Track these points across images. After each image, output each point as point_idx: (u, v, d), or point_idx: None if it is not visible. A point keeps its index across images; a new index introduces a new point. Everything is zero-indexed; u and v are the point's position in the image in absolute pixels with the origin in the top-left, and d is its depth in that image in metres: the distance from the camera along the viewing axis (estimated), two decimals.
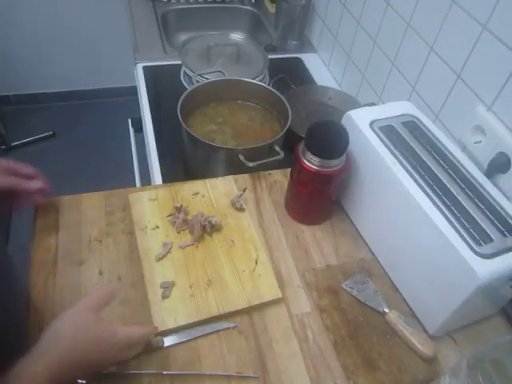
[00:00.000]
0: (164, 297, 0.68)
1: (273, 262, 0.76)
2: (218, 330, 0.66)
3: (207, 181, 0.86)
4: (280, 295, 0.70)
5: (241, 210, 0.81)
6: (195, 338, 0.65)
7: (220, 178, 0.87)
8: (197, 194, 0.84)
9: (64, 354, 0.48)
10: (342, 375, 0.64)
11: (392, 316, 0.69)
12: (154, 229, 0.77)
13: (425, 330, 0.69)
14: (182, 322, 0.65)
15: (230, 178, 0.87)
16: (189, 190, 0.84)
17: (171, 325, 0.64)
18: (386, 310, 0.69)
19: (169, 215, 0.79)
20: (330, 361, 0.65)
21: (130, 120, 1.28)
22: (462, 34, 0.79)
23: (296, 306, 0.71)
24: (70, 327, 0.51)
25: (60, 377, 0.47)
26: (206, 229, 0.76)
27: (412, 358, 0.66)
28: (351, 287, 0.73)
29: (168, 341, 0.64)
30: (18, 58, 2.28)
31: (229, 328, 0.67)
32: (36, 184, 0.71)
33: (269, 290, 0.70)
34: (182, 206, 0.80)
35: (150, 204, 0.81)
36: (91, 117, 2.42)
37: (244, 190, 0.84)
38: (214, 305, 0.67)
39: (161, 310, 0.66)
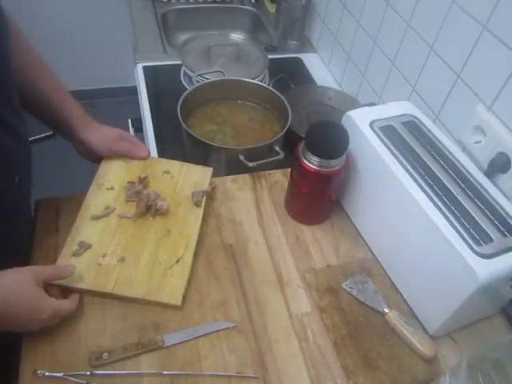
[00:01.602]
0: (74, 254, 0.67)
1: (273, 262, 0.76)
2: (218, 330, 0.66)
3: (186, 164, 0.83)
4: (178, 303, 0.66)
5: (197, 205, 0.77)
6: (195, 338, 0.65)
7: (199, 167, 0.83)
8: (168, 173, 0.81)
9: None
10: (342, 375, 0.64)
11: (392, 316, 0.69)
12: (108, 189, 0.76)
13: (425, 330, 0.69)
14: (73, 284, 0.65)
15: (209, 170, 0.83)
16: (163, 166, 0.82)
17: (62, 282, 0.63)
18: (386, 310, 0.69)
19: (129, 182, 0.78)
20: (330, 361, 0.65)
21: (130, 120, 1.28)
22: (462, 34, 0.79)
23: (296, 305, 0.71)
24: (6, 284, 0.55)
25: None
26: (151, 209, 0.74)
27: (412, 358, 0.66)
28: (351, 287, 0.73)
29: (168, 341, 0.64)
30: None
31: (229, 328, 0.67)
32: (143, 153, 0.81)
33: (171, 293, 0.66)
34: (146, 178, 0.78)
35: (120, 166, 0.80)
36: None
37: (212, 188, 0.81)
38: (112, 282, 0.66)
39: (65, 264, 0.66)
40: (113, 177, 0.78)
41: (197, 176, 0.82)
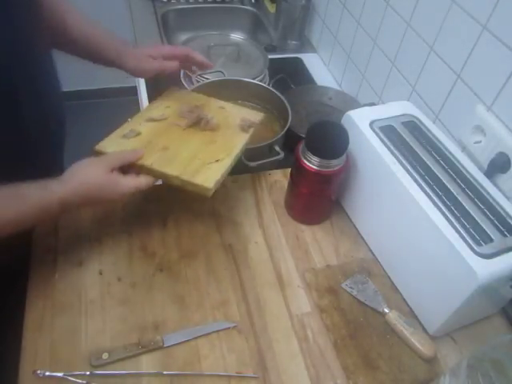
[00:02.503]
0: (124, 136, 0.74)
1: (273, 262, 0.76)
2: (218, 330, 0.66)
3: (239, 106, 0.88)
4: (211, 187, 0.67)
5: (244, 130, 0.81)
6: (195, 338, 0.65)
7: (253, 111, 0.88)
8: (223, 108, 0.86)
9: (72, 191, 0.61)
10: (342, 375, 0.64)
11: (392, 316, 0.69)
12: (166, 107, 0.83)
13: (425, 330, 0.69)
14: None
15: (261, 114, 0.86)
16: (219, 103, 0.87)
17: (109, 149, 0.71)
18: (386, 310, 0.69)
19: (185, 103, 0.83)
20: (330, 361, 0.65)
21: (130, 120, 1.27)
22: (462, 33, 0.79)
23: (296, 305, 0.71)
24: (82, 174, 0.64)
25: (68, 205, 0.61)
26: (201, 123, 0.79)
27: (412, 358, 0.66)
28: (351, 287, 0.73)
29: (168, 341, 0.64)
30: None
31: (229, 328, 0.67)
32: (173, 64, 0.84)
33: (205, 178, 0.69)
34: (201, 106, 0.83)
35: (180, 94, 0.88)
36: (91, 117, 2.42)
37: (258, 121, 0.84)
38: (152, 159, 0.70)
39: (113, 140, 0.73)
40: (170, 100, 0.85)
41: (248, 114, 0.85)
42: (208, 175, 0.69)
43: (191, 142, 0.76)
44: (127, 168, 0.68)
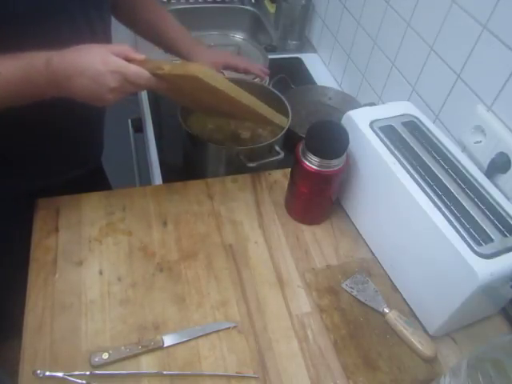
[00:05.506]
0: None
1: (273, 262, 0.76)
2: (218, 330, 0.66)
3: None
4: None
5: None
6: (195, 338, 0.65)
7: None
8: None
9: (59, 52, 0.60)
10: (342, 375, 0.64)
11: (392, 316, 0.69)
12: None
13: (425, 330, 0.69)
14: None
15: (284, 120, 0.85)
16: None
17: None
18: (386, 310, 0.69)
19: None
20: (330, 361, 0.65)
21: (129, 120, 1.27)
22: (462, 34, 0.79)
23: (296, 305, 0.71)
24: (86, 48, 0.62)
25: (55, 66, 0.59)
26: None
27: (412, 358, 0.66)
28: (351, 287, 0.73)
29: (168, 341, 0.64)
30: None
31: (229, 328, 0.67)
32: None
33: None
34: None
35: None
36: None
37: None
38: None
39: None
40: None
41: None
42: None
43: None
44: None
